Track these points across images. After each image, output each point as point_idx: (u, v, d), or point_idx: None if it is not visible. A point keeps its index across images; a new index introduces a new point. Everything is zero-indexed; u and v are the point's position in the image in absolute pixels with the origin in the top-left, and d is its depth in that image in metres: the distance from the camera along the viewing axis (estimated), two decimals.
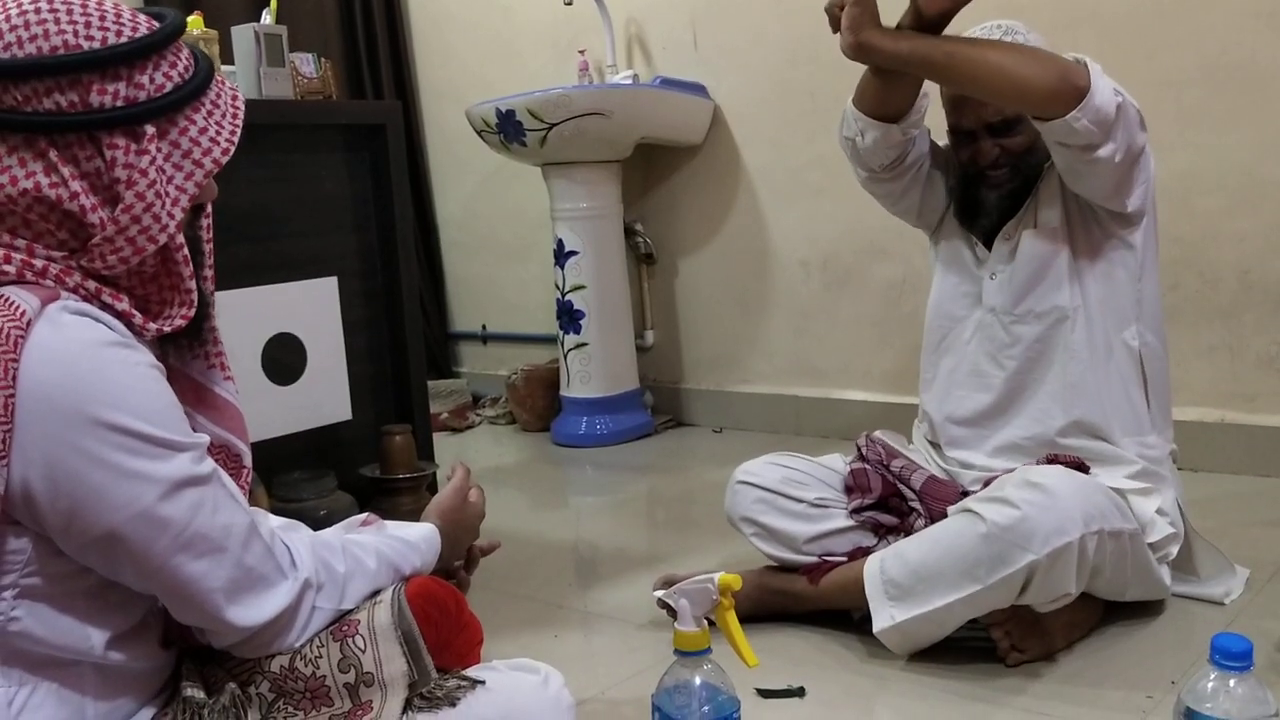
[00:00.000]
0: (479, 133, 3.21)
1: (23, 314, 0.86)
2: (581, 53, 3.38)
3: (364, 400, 2.26)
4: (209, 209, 1.06)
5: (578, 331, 3.23)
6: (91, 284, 0.93)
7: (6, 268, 0.89)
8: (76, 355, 0.87)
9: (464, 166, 3.90)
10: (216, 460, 1.00)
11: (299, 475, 2.06)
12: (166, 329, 0.98)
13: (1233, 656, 1.03)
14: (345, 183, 2.24)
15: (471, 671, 1.08)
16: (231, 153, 0.97)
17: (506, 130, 3.06)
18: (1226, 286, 2.50)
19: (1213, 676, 1.04)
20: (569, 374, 3.27)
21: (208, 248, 1.06)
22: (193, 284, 0.99)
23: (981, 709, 1.49)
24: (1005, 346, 1.75)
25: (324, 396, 2.18)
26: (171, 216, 0.94)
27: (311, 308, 2.16)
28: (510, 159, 3.29)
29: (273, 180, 2.12)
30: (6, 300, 0.87)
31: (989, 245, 1.78)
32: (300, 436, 2.15)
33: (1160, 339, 1.75)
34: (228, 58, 2.17)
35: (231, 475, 1.05)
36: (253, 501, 1.75)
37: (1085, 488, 1.55)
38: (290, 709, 1.00)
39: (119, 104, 0.90)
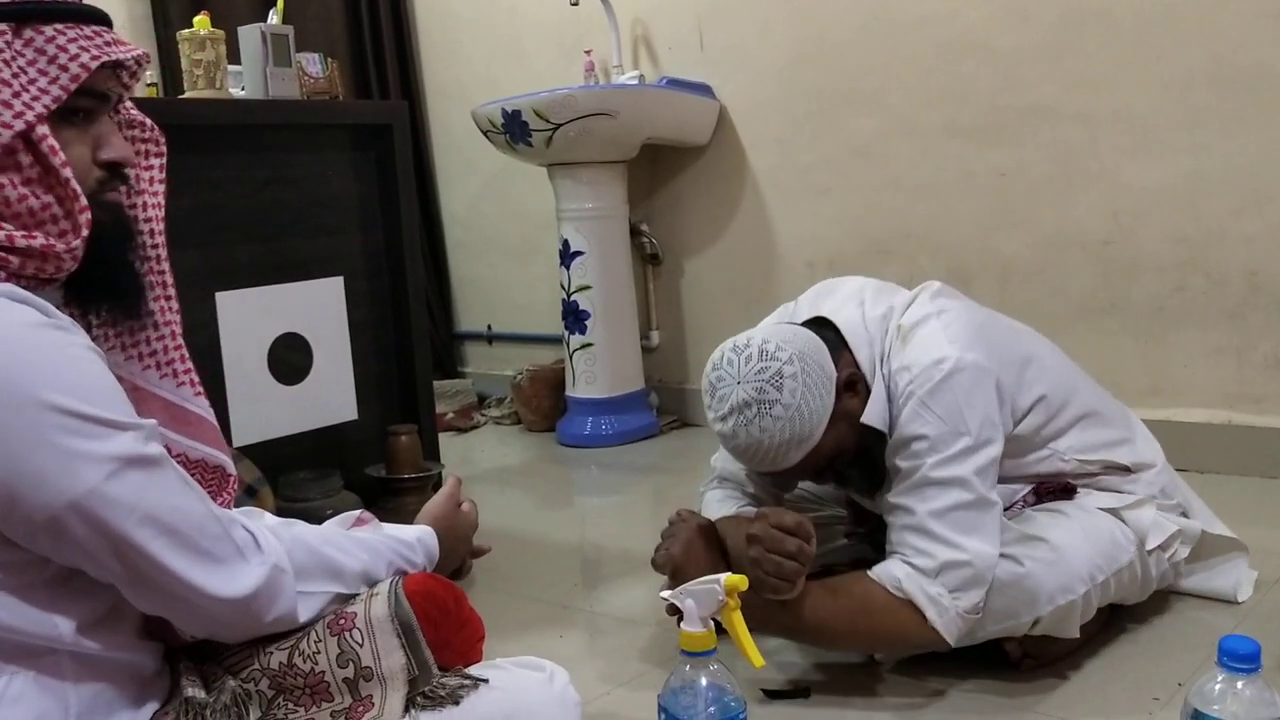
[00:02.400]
0: (485, 133, 3.21)
1: None
2: (587, 53, 3.38)
3: (370, 400, 2.26)
4: (140, 185, 1.05)
5: (583, 332, 3.23)
6: None
7: None
8: (5, 336, 0.86)
9: (469, 166, 3.90)
10: (202, 477, 1.00)
11: (304, 475, 2.06)
12: (59, 247, 0.95)
13: (1240, 658, 1.03)
14: (351, 183, 2.24)
15: (476, 669, 1.08)
16: (95, 66, 0.95)
17: (512, 130, 3.06)
18: (1233, 288, 2.50)
19: (1220, 678, 1.04)
20: (574, 374, 3.27)
21: (147, 233, 1.05)
22: (77, 188, 0.95)
23: (987, 710, 1.49)
24: None
25: (330, 396, 2.18)
26: (29, 107, 0.92)
27: (317, 308, 2.16)
28: (516, 159, 3.29)
29: (279, 180, 2.12)
30: None
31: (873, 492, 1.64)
32: (306, 436, 2.15)
33: (1096, 415, 1.66)
34: (235, 58, 2.18)
35: (218, 488, 1.05)
36: (258, 501, 1.76)
37: (1090, 537, 1.52)
38: (290, 705, 1.00)
39: None
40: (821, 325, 1.56)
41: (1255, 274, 2.47)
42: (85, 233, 0.96)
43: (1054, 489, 1.63)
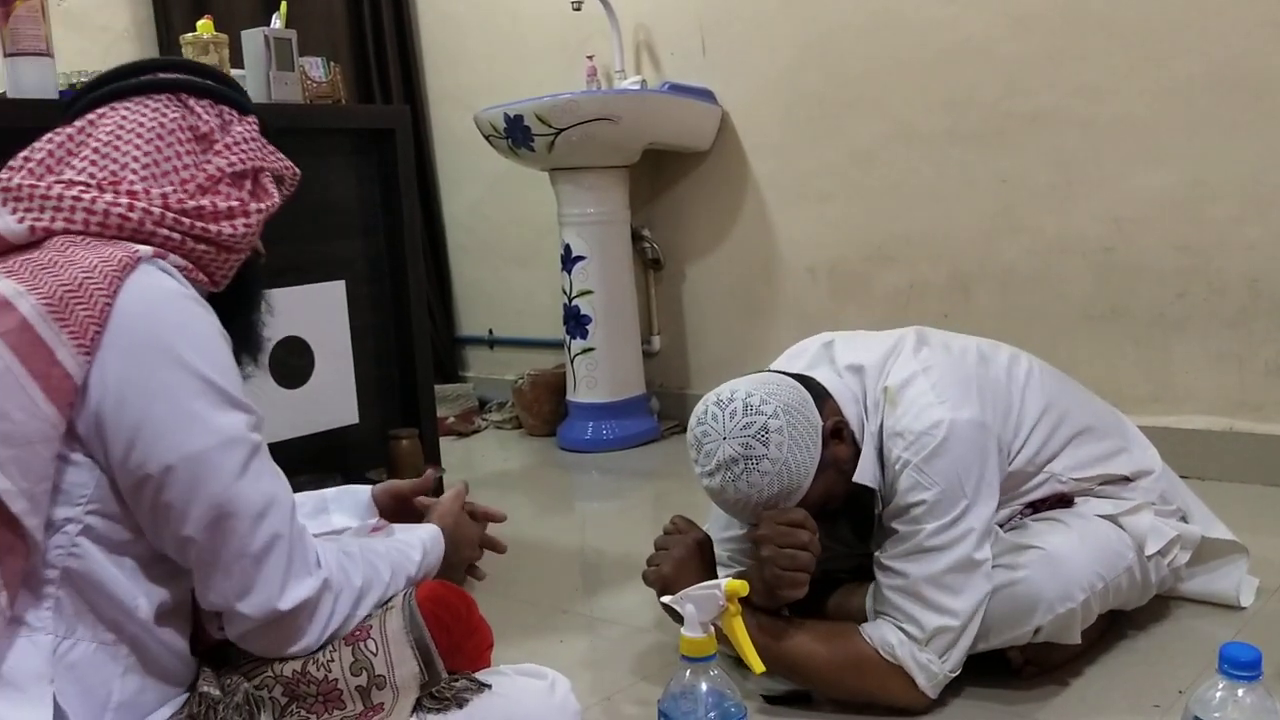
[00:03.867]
0: (487, 137, 3.21)
1: (135, 254, 0.99)
2: (589, 58, 3.39)
3: (371, 404, 2.26)
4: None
5: (584, 336, 3.23)
6: (186, 221, 1.05)
7: (130, 215, 1.02)
8: (166, 298, 0.98)
9: (472, 171, 3.90)
10: None
11: (305, 479, 2.05)
12: (252, 211, 1.11)
13: (1241, 666, 1.02)
14: (353, 187, 2.24)
15: (479, 676, 1.10)
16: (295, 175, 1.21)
17: (514, 135, 3.06)
18: (1235, 295, 2.50)
19: (1221, 686, 1.04)
20: (575, 379, 3.27)
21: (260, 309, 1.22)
22: (274, 190, 1.15)
23: (988, 717, 1.49)
24: None
25: (331, 400, 2.18)
26: (267, 158, 1.15)
27: (319, 311, 2.16)
28: (518, 164, 3.30)
29: None
30: (126, 245, 1.00)
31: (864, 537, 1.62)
32: (307, 440, 2.15)
33: (1089, 430, 1.66)
34: (237, 62, 2.18)
35: None
36: None
37: (1088, 543, 1.52)
38: (303, 713, 1.02)
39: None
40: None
41: (1257, 281, 2.47)
42: (266, 207, 1.13)
43: (1054, 502, 1.63)
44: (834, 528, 1.55)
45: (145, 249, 1.00)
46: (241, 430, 0.98)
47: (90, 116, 1.09)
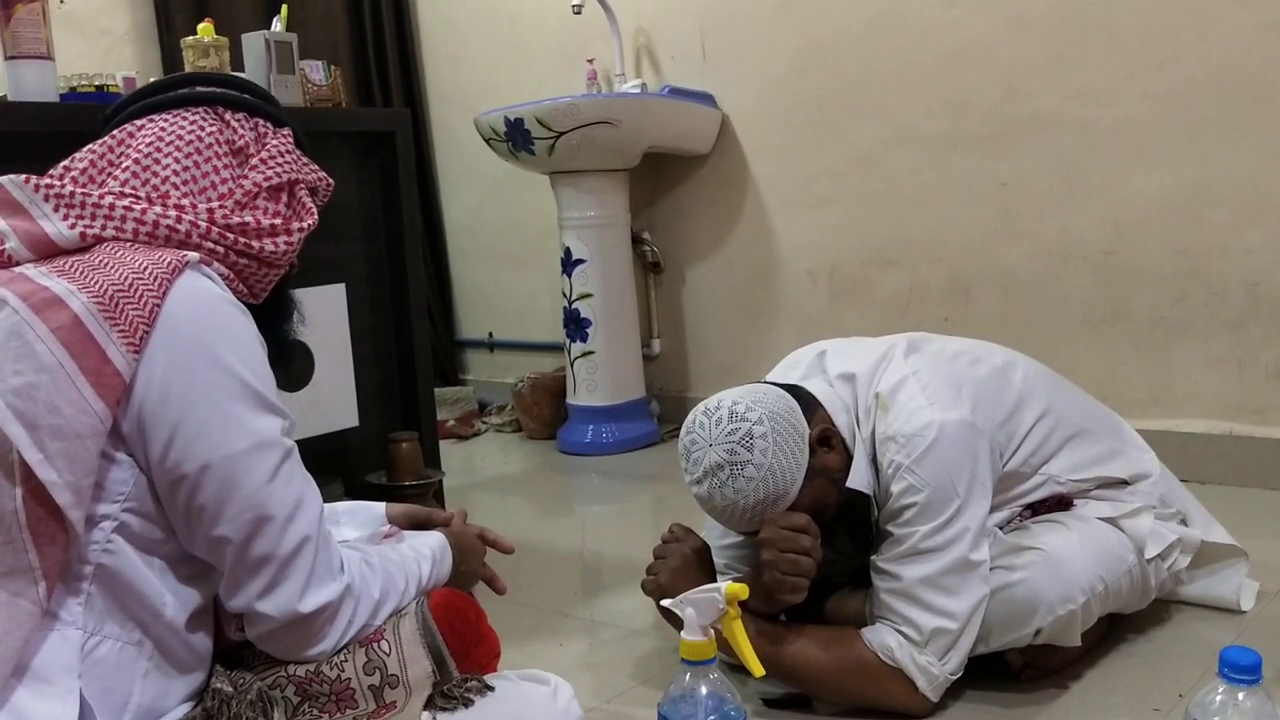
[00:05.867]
0: (487, 141, 3.21)
1: (184, 258, 1.02)
2: (590, 61, 3.39)
3: (371, 407, 2.26)
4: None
5: (584, 340, 3.23)
6: (230, 236, 1.08)
7: (178, 227, 1.05)
8: (211, 302, 1.01)
9: (472, 174, 3.91)
10: None
11: None
12: (294, 229, 1.14)
13: (1241, 670, 1.02)
14: (354, 190, 2.24)
15: (485, 678, 1.11)
16: (325, 191, 1.23)
17: (515, 138, 3.06)
18: (1234, 299, 2.50)
19: (1220, 690, 1.03)
20: (575, 382, 3.27)
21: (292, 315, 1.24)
22: (312, 206, 1.17)
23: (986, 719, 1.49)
24: None
25: (331, 403, 2.18)
26: (304, 171, 1.17)
27: (320, 314, 2.16)
28: (518, 167, 3.30)
29: None
30: (174, 250, 1.03)
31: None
32: (307, 443, 2.12)
33: (1084, 433, 1.66)
34: (238, 65, 2.18)
35: None
36: None
37: (1088, 545, 1.52)
38: (315, 712, 1.03)
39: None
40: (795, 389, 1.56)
41: (1256, 285, 2.47)
42: (305, 226, 1.16)
43: (1053, 504, 1.63)
44: (832, 539, 1.55)
45: (192, 255, 1.03)
46: (275, 434, 1.01)
47: (129, 128, 1.12)
